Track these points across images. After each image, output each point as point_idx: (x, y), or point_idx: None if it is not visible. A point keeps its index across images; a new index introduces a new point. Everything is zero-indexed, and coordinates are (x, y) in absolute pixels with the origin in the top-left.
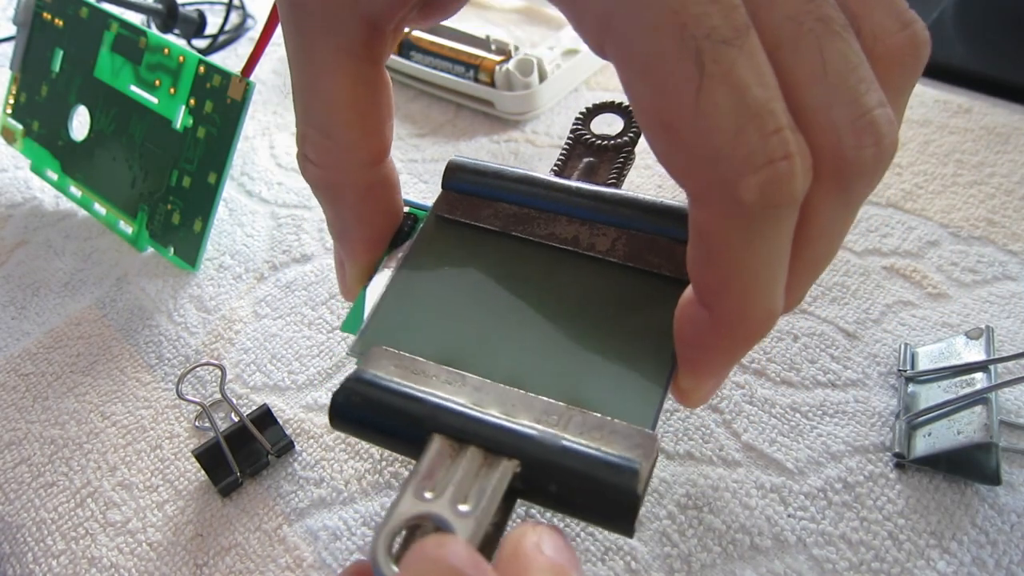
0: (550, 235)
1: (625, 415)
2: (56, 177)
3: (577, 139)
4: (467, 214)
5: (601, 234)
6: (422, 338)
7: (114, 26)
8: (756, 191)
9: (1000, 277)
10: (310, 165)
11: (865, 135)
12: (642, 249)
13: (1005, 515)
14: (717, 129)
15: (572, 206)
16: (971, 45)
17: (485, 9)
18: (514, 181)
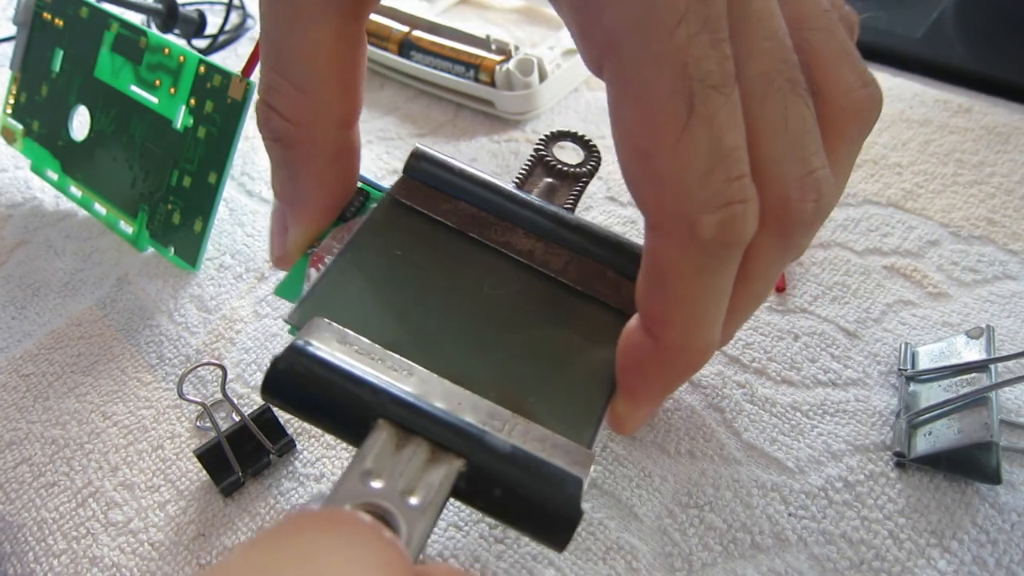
0: (506, 243)
1: (564, 432)
2: (56, 177)
3: (539, 159)
4: (425, 204)
5: (555, 254)
6: (365, 319)
7: (114, 26)
8: (713, 229)
9: (1000, 276)
10: (276, 118)
11: (809, 191)
12: (591, 276)
13: (1005, 514)
14: (690, 168)
15: (532, 221)
16: (971, 45)
17: (485, 9)
18: (478, 184)
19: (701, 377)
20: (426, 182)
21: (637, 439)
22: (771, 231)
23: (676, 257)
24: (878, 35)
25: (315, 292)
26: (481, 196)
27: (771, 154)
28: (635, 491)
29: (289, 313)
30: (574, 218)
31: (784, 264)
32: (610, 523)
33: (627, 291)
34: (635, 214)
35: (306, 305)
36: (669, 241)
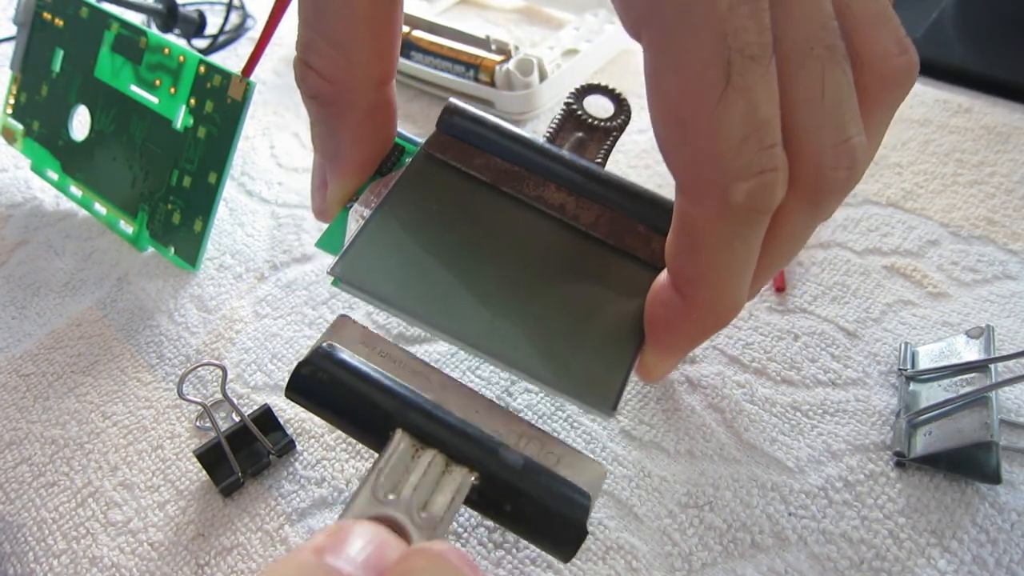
0: (538, 197)
1: (592, 383)
2: (56, 177)
3: (570, 113)
4: (459, 158)
5: (586, 208)
6: (397, 280)
7: (114, 26)
8: (745, 196)
9: (1000, 276)
10: (314, 76)
11: (843, 158)
12: (622, 230)
13: (1005, 514)
14: (726, 136)
15: (563, 176)
16: (971, 45)
17: (485, 9)
18: (510, 138)
19: (701, 377)
20: (459, 136)
21: (636, 439)
22: (802, 197)
23: (707, 222)
24: None
25: (354, 245)
26: (513, 150)
27: (806, 122)
28: (635, 491)
29: (331, 265)
30: (605, 172)
31: (813, 228)
32: (610, 523)
33: (657, 245)
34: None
35: (346, 258)
36: (700, 206)
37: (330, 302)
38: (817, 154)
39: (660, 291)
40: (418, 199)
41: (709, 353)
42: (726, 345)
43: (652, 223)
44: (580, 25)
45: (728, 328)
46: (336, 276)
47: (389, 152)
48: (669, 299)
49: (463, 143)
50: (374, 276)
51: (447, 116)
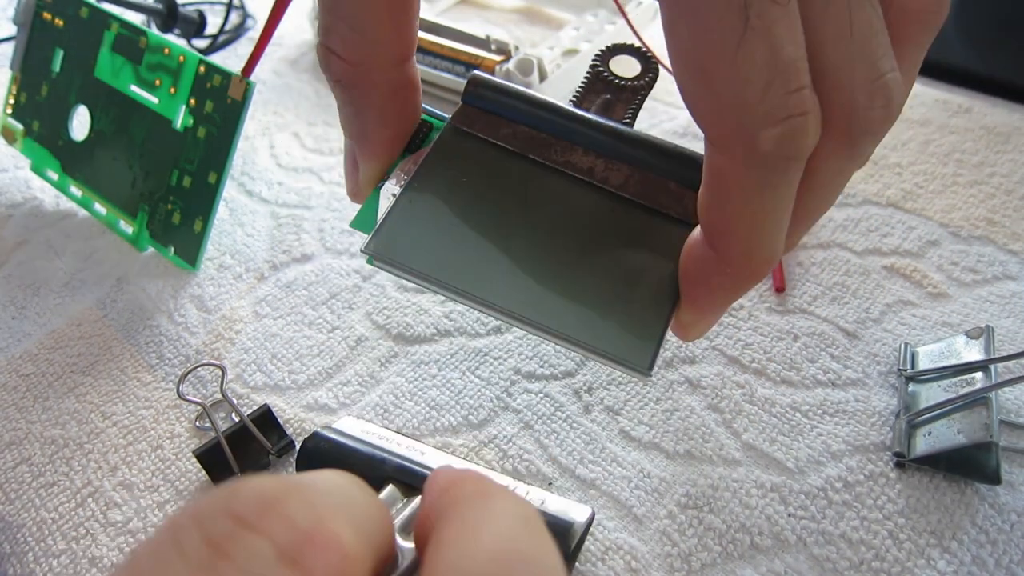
0: (566, 163)
1: (628, 343)
2: (56, 177)
3: (596, 75)
4: (485, 130)
5: (615, 169)
6: (429, 252)
7: (114, 26)
8: (774, 142)
9: (1000, 277)
10: (336, 60)
11: (878, 96)
12: (653, 189)
13: (1005, 514)
14: (748, 81)
15: (591, 138)
16: (971, 45)
17: (485, 9)
18: (536, 105)
19: (701, 377)
20: (484, 108)
21: (636, 439)
22: (836, 140)
23: (737, 172)
24: None
25: (387, 223)
26: (539, 117)
27: (835, 61)
28: (634, 492)
29: (364, 244)
30: (632, 132)
31: (850, 173)
32: (609, 524)
33: (690, 202)
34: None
35: (379, 235)
36: (729, 157)
37: (330, 302)
38: (850, 93)
39: (693, 246)
40: (447, 173)
41: (709, 353)
42: (726, 345)
43: (684, 180)
44: (580, 25)
45: (728, 328)
46: (369, 254)
47: (416, 129)
48: (703, 254)
49: (489, 114)
50: (406, 251)
51: (472, 88)
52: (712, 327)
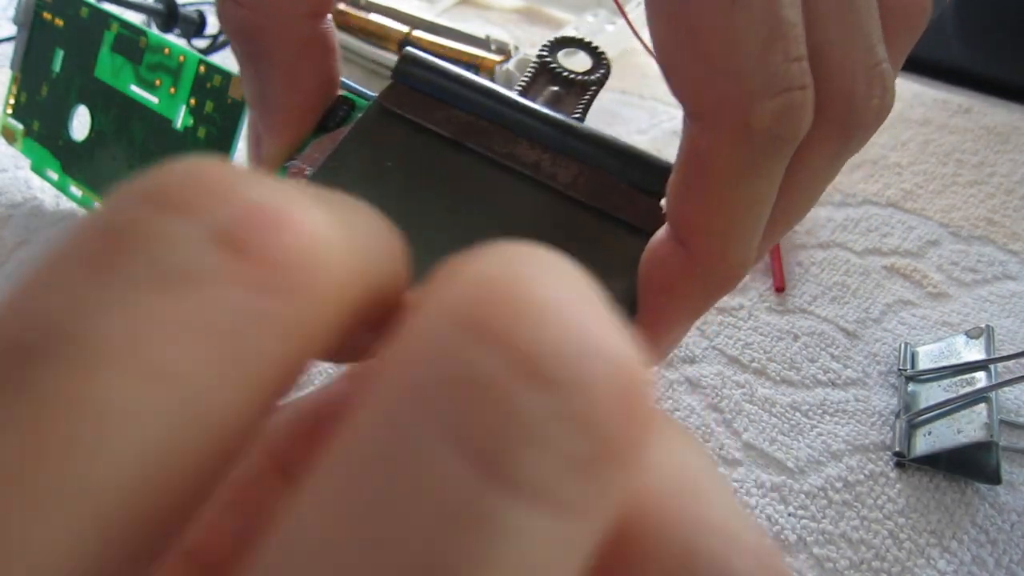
0: (509, 155)
1: None
2: (57, 177)
3: (544, 67)
4: (417, 112)
5: (564, 166)
6: None
7: (114, 26)
8: (770, 118)
9: (1000, 276)
10: (233, 5)
11: (876, 83)
12: (605, 190)
13: (1005, 514)
14: (745, 42)
15: (538, 130)
16: (971, 45)
17: (485, 9)
18: (477, 90)
19: (701, 377)
20: (418, 88)
21: None
22: (830, 128)
23: (723, 152)
24: None
25: None
26: (480, 103)
27: (835, 38)
28: None
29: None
30: (584, 127)
31: (838, 169)
32: None
33: (643, 205)
34: None
35: None
36: (716, 133)
37: None
38: (849, 77)
39: (658, 247)
40: (369, 156)
41: (709, 353)
42: (726, 345)
43: (638, 182)
44: (580, 25)
45: (728, 328)
46: None
47: (335, 105)
48: (669, 255)
49: (423, 95)
50: None
51: (404, 65)
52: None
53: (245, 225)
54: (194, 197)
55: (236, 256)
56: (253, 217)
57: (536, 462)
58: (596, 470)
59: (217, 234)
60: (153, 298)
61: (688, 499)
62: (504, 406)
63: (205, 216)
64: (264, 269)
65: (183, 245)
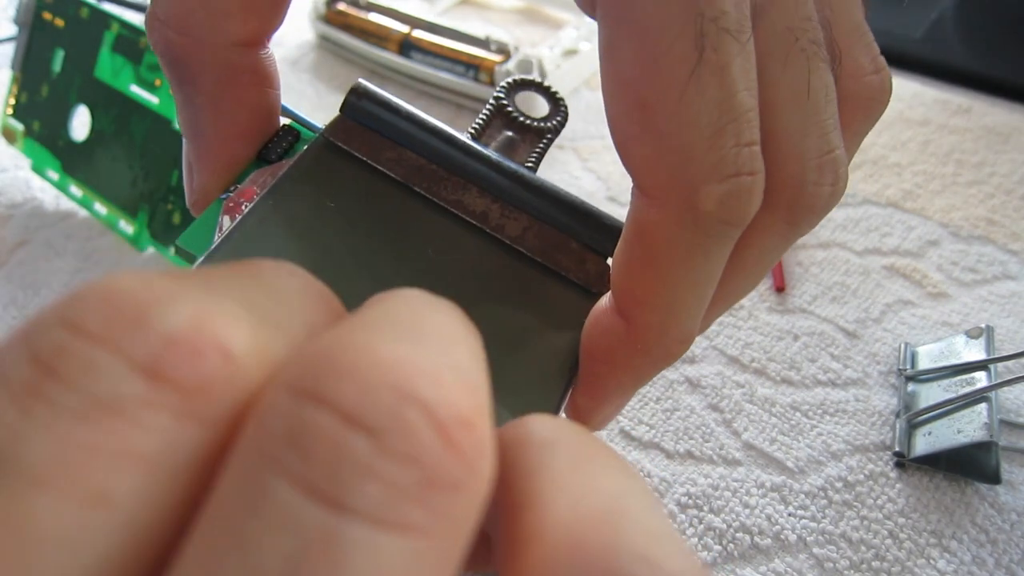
0: (457, 202)
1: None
2: (57, 177)
3: (499, 110)
4: (365, 149)
5: (513, 218)
6: None
7: (114, 26)
8: (716, 202)
9: (1000, 276)
10: (160, 26)
11: (827, 172)
12: (552, 246)
13: (1005, 514)
14: (697, 124)
15: (488, 179)
16: (971, 45)
17: (485, 9)
18: (428, 131)
19: (701, 377)
20: (367, 124)
21: (636, 439)
22: (778, 213)
23: (668, 231)
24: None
25: (225, 245)
26: (431, 145)
27: (789, 125)
28: None
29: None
30: (536, 178)
31: (783, 251)
32: None
33: (592, 266)
34: None
35: (213, 260)
36: (662, 212)
37: None
38: (800, 164)
39: (601, 316)
40: (310, 193)
41: (709, 353)
42: (726, 345)
43: (588, 240)
44: (580, 25)
45: (728, 328)
46: None
47: (278, 135)
48: (610, 325)
49: (372, 132)
50: None
51: (354, 99)
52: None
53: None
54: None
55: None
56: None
57: (368, 490)
58: (427, 494)
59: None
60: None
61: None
62: (336, 450)
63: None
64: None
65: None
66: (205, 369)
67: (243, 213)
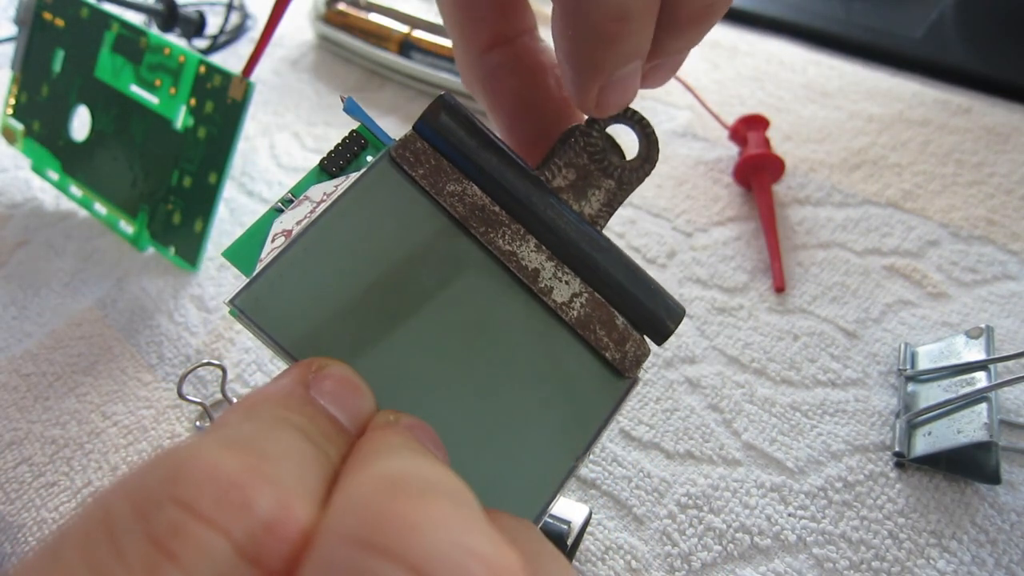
0: (511, 255)
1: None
2: (57, 177)
3: (585, 141)
4: (428, 179)
5: (565, 281)
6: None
7: (115, 26)
8: None
9: (1000, 276)
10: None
11: None
12: (598, 319)
13: (1005, 514)
14: None
15: (551, 233)
16: (971, 45)
17: None
18: (500, 166)
19: (701, 377)
20: (438, 146)
21: (636, 439)
22: None
23: None
24: (878, 35)
25: (271, 271)
26: (499, 184)
27: None
28: (634, 491)
29: (234, 296)
30: (604, 241)
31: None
32: (609, 523)
33: (633, 347)
34: (634, 214)
35: (256, 288)
36: None
37: None
38: None
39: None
40: (362, 223)
41: (709, 353)
42: (726, 345)
43: (636, 319)
44: None
45: (728, 328)
46: (235, 309)
47: (344, 144)
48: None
49: (441, 156)
50: (282, 317)
51: (432, 116)
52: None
53: (263, 540)
54: (224, 508)
55: (256, 569)
56: (268, 531)
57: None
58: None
59: (243, 548)
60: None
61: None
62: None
63: (233, 528)
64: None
65: (220, 561)
66: (289, 549)
67: (293, 235)
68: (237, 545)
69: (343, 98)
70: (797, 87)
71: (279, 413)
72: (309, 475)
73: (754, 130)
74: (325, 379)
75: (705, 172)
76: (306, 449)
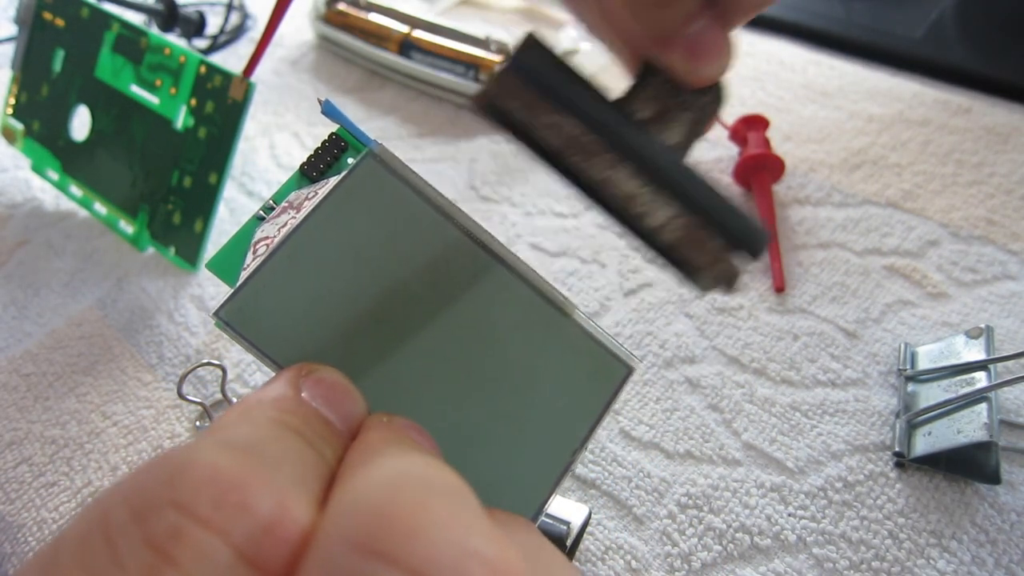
0: (605, 181)
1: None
2: (57, 177)
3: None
4: (524, 112)
5: (661, 205)
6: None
7: (115, 26)
8: None
9: (1000, 276)
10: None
11: None
12: (693, 241)
13: (1005, 514)
14: None
15: (644, 160)
16: (971, 45)
17: (485, 9)
18: (595, 100)
19: (701, 377)
20: (531, 81)
21: (636, 439)
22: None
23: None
24: (878, 35)
25: (254, 281)
26: (591, 116)
27: None
28: (634, 492)
29: (218, 308)
30: (695, 168)
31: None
32: (609, 523)
33: (727, 266)
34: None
35: (240, 299)
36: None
37: None
38: None
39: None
40: (349, 226)
41: (709, 353)
42: (726, 345)
43: (729, 237)
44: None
45: (728, 328)
46: (220, 321)
47: (323, 148)
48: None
49: (535, 91)
50: (268, 327)
51: (527, 50)
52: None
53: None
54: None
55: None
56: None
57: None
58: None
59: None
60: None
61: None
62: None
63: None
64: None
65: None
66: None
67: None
68: (236, 547)
69: (320, 100)
70: (797, 87)
71: (274, 415)
72: (307, 476)
73: (754, 130)
74: (315, 383)
75: (705, 172)
76: (303, 450)
